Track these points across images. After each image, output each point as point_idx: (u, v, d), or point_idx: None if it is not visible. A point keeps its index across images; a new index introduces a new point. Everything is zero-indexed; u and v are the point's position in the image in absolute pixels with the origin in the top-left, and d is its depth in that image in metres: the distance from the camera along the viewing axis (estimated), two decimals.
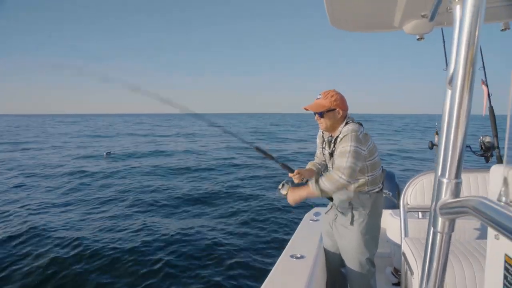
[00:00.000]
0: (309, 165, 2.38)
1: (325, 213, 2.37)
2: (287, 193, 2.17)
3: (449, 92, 0.71)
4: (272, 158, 2.31)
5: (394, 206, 3.38)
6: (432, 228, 0.69)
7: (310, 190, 2.02)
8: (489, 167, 2.35)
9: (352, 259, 2.14)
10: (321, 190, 1.97)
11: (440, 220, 0.66)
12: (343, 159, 1.92)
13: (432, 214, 0.69)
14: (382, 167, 2.18)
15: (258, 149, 2.31)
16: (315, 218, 2.89)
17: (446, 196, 0.64)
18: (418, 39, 1.92)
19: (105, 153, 15.79)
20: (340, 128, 2.09)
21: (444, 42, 3.12)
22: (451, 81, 0.67)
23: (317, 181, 1.98)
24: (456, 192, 0.64)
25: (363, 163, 2.00)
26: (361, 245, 2.09)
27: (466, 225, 2.30)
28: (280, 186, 2.21)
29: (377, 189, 2.13)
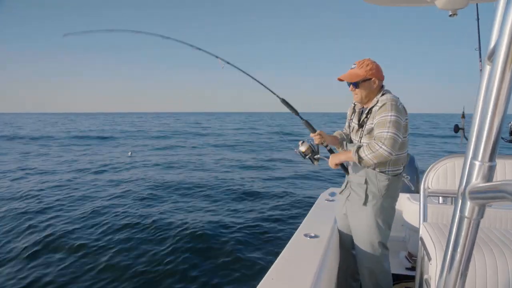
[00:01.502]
0: (335, 133, 2.32)
1: (340, 193, 2.32)
2: (306, 150, 2.17)
3: (487, 68, 0.66)
4: (297, 113, 2.29)
5: (409, 190, 3.32)
6: (459, 213, 0.65)
7: (350, 155, 1.98)
8: None
9: (363, 241, 2.08)
10: (360, 158, 1.92)
11: (469, 205, 0.62)
12: (383, 129, 1.84)
13: (460, 198, 0.65)
14: (407, 150, 2.08)
15: (284, 101, 2.30)
16: (330, 198, 2.87)
17: (477, 180, 0.60)
18: (450, 15, 1.81)
19: (129, 153, 16.23)
20: (375, 99, 2.01)
21: (478, 19, 2.94)
22: (491, 55, 0.62)
23: (357, 149, 1.93)
24: (489, 176, 0.60)
25: (403, 136, 1.91)
26: (372, 227, 2.03)
27: (499, 214, 2.22)
28: (300, 143, 2.20)
29: (397, 172, 2.04)
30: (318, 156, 2.20)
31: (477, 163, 0.60)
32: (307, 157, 2.20)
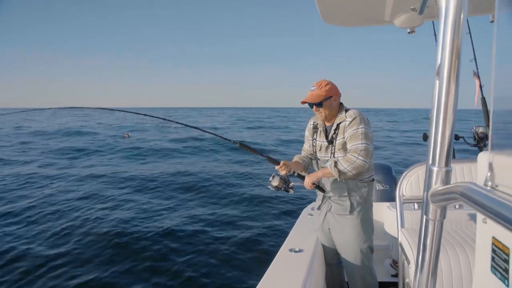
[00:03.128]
0: (295, 158, 2.39)
1: (317, 208, 2.38)
2: (278, 184, 2.22)
3: (437, 82, 0.73)
4: (257, 152, 2.35)
5: (392, 199, 3.41)
6: (424, 216, 0.71)
7: (327, 171, 2.09)
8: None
9: (353, 250, 2.14)
10: (339, 172, 2.02)
11: (431, 208, 0.68)
12: (356, 141, 1.99)
13: (424, 202, 0.71)
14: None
15: (242, 145, 2.35)
16: (312, 212, 2.92)
17: (437, 184, 0.66)
18: (409, 33, 1.94)
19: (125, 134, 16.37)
20: (341, 115, 2.14)
21: (435, 35, 3.14)
22: (438, 72, 0.69)
23: (335, 164, 2.03)
24: (447, 180, 0.66)
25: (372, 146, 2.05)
26: (361, 233, 2.12)
27: (461, 216, 2.32)
28: (270, 178, 2.25)
29: (372, 177, 2.19)
30: (292, 184, 2.26)
31: (435, 169, 0.66)
32: (281, 189, 2.26)
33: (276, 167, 2.24)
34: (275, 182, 2.24)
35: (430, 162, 0.68)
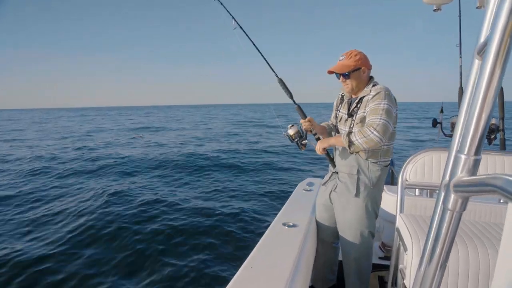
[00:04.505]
0: (322, 124, 2.33)
1: (323, 184, 2.31)
2: (294, 134, 2.19)
3: (476, 62, 0.66)
4: (291, 97, 2.30)
5: (388, 182, 3.39)
6: (442, 205, 0.66)
7: (340, 139, 1.99)
8: (491, 149, 2.32)
9: (353, 232, 2.08)
10: (350, 142, 1.91)
11: (452, 197, 0.63)
12: (376, 116, 1.85)
13: (444, 191, 0.66)
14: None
15: (281, 81, 2.32)
16: (308, 188, 2.89)
17: (462, 173, 0.61)
18: (434, 10, 1.83)
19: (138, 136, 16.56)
20: (366, 89, 2.02)
21: (460, 15, 2.99)
22: (481, 50, 0.62)
23: (349, 134, 1.93)
24: (474, 169, 0.60)
25: (394, 126, 1.93)
26: (364, 217, 2.05)
27: (471, 207, 2.30)
28: (289, 126, 2.22)
29: (387, 162, 2.06)
30: (306, 141, 2.21)
31: (462, 157, 0.60)
32: (294, 141, 2.22)
33: (301, 121, 2.20)
34: (292, 131, 2.20)
35: (457, 148, 0.62)
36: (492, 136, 2.99)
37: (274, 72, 2.33)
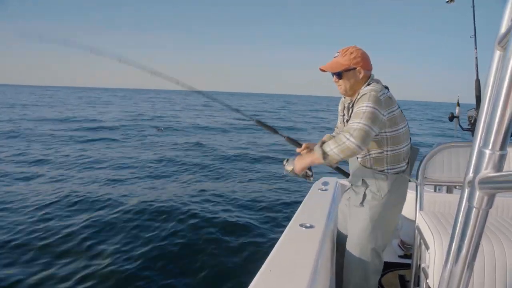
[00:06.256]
0: (324, 138, 2.12)
1: (345, 191, 2.20)
2: (293, 169, 1.94)
3: (497, 53, 0.64)
4: (275, 132, 2.14)
5: None
6: (467, 203, 0.64)
7: (315, 155, 1.72)
8: None
9: (354, 245, 1.90)
10: (324, 153, 1.65)
11: (477, 194, 0.61)
12: (355, 119, 1.62)
13: (468, 188, 0.63)
14: (410, 143, 1.88)
15: (259, 122, 2.18)
16: (323, 187, 2.86)
17: (487, 169, 0.58)
18: (447, 2, 1.78)
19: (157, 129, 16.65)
20: (360, 90, 1.79)
21: (474, 6, 2.92)
22: (502, 40, 0.60)
23: (323, 144, 1.70)
24: (500, 165, 0.58)
25: (381, 131, 1.72)
26: (367, 231, 1.82)
27: (498, 202, 2.24)
28: (284, 162, 2.00)
29: (398, 169, 1.82)
30: (311, 172, 2.00)
31: (487, 152, 0.58)
32: (300, 176, 1.99)
33: (297, 150, 2.02)
34: (289, 166, 1.94)
35: (481, 143, 0.60)
36: None
37: (247, 117, 2.23)
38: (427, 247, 1.67)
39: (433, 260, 1.57)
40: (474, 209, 0.62)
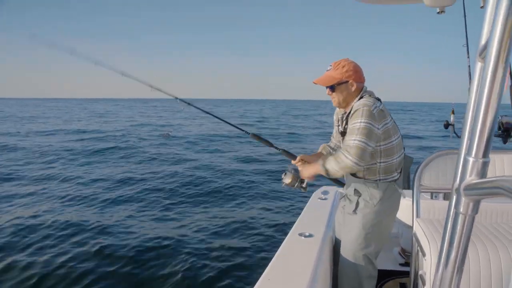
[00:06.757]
0: (320, 149, 2.20)
1: (340, 199, 2.26)
2: (291, 182, 2.05)
3: (478, 64, 0.66)
4: (271, 145, 2.19)
5: (404, 186, 3.34)
6: (454, 209, 0.66)
7: (318, 168, 1.85)
8: (506, 149, 2.28)
9: (347, 252, 1.94)
10: (326, 169, 1.78)
11: (463, 201, 0.63)
12: (351, 136, 1.70)
13: (455, 195, 0.66)
14: (404, 152, 1.94)
15: (255, 136, 2.23)
16: (323, 196, 2.87)
17: (471, 176, 0.61)
18: (438, 13, 1.82)
19: (165, 134, 16.35)
20: (353, 103, 1.85)
21: (465, 16, 2.97)
22: (482, 52, 0.62)
23: (324, 162, 1.82)
24: (483, 172, 0.60)
25: (376, 144, 1.77)
26: (359, 237, 1.87)
27: (490, 208, 2.26)
28: (283, 176, 2.06)
29: (390, 179, 1.88)
30: (306, 183, 2.09)
31: (471, 159, 0.60)
32: (295, 187, 2.10)
33: (293, 162, 2.08)
34: (287, 179, 2.04)
35: (465, 151, 0.62)
36: (507, 135, 2.94)
37: (243, 130, 2.28)
38: (423, 254, 1.68)
39: (429, 266, 1.58)
40: (460, 215, 0.64)
